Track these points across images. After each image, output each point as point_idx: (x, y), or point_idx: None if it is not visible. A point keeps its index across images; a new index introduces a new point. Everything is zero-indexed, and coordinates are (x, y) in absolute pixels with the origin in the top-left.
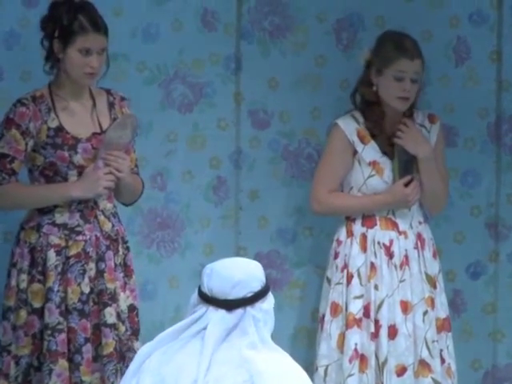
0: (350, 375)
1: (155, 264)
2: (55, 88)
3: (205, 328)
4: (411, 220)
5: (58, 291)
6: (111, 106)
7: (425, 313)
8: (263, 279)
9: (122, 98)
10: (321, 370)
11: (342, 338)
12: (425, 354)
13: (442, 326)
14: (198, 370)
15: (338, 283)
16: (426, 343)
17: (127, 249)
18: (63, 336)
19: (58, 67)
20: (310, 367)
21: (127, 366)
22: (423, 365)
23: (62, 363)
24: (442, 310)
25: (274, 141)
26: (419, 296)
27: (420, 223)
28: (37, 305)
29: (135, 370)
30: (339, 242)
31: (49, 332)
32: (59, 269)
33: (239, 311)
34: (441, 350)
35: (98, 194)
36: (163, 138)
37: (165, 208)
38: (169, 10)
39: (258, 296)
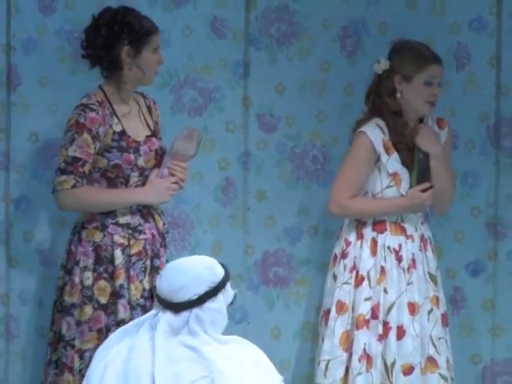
0: (359, 374)
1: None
2: (110, 93)
3: (155, 330)
4: (416, 223)
5: (127, 288)
6: (149, 109)
7: (430, 311)
8: (214, 280)
9: (154, 102)
10: (322, 365)
11: (346, 336)
12: (432, 351)
13: (442, 321)
14: (153, 368)
15: (346, 283)
16: (432, 340)
17: (166, 245)
18: None
19: (118, 74)
20: (314, 359)
21: None
22: (431, 361)
23: None
24: (442, 306)
25: (281, 143)
26: (424, 295)
27: (422, 223)
28: (103, 301)
29: (96, 365)
30: (348, 243)
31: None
32: (124, 267)
33: (185, 313)
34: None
35: (165, 201)
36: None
37: (175, 208)
38: (180, 18)
39: (205, 297)
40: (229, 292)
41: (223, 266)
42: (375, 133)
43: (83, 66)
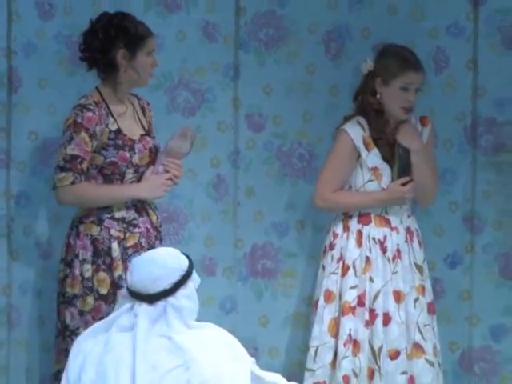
0: (344, 357)
1: None
2: (106, 94)
3: (135, 322)
4: (401, 216)
5: (125, 279)
6: (143, 109)
7: (416, 300)
8: (183, 268)
9: (148, 103)
10: (312, 351)
11: (334, 323)
12: (418, 338)
13: (428, 310)
14: (134, 360)
15: (333, 273)
16: (419, 327)
17: (161, 238)
18: None
19: (114, 75)
20: (300, 347)
21: None
22: (417, 347)
23: None
24: (428, 295)
25: (269, 142)
26: (410, 284)
27: (408, 216)
28: (103, 291)
29: (75, 356)
30: (335, 235)
31: None
32: (121, 259)
33: (161, 303)
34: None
35: (159, 196)
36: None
37: (170, 204)
38: (173, 23)
39: (178, 285)
40: (195, 279)
41: (186, 255)
42: (355, 130)
43: (80, 69)
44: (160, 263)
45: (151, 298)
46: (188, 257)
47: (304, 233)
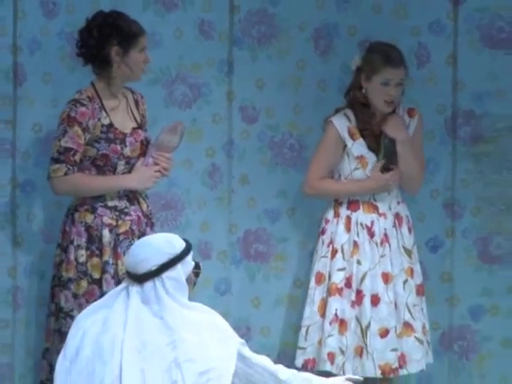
0: (329, 335)
1: None
2: (100, 89)
3: (127, 301)
4: (390, 202)
5: (112, 264)
6: (136, 103)
7: (405, 281)
8: (173, 251)
9: (142, 96)
10: (303, 330)
11: (323, 303)
12: (407, 317)
13: (418, 291)
14: (123, 338)
15: (324, 256)
16: (408, 307)
17: (153, 224)
18: None
19: (108, 71)
20: (291, 327)
21: None
22: (407, 326)
23: None
24: (417, 278)
25: (262, 133)
26: (399, 267)
27: (398, 203)
28: (96, 276)
29: (74, 334)
30: (327, 221)
31: None
32: (112, 245)
33: (149, 284)
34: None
35: (148, 187)
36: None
37: (168, 191)
38: (171, 21)
39: (164, 267)
40: (189, 264)
41: (186, 241)
42: (341, 121)
43: (81, 64)
44: (149, 246)
45: (139, 279)
46: (187, 242)
47: (294, 219)
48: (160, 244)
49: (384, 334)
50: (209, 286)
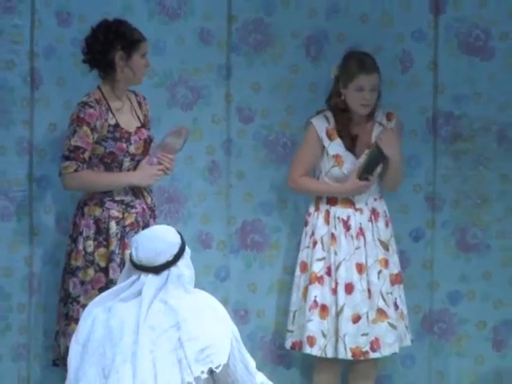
0: (309, 320)
1: None
2: (106, 91)
3: (140, 290)
4: (367, 199)
5: (119, 253)
6: (139, 104)
7: (379, 272)
8: (179, 241)
9: (144, 98)
10: (291, 315)
11: (305, 290)
12: (381, 304)
13: (396, 280)
14: (138, 321)
15: (307, 247)
16: (382, 295)
17: (155, 216)
18: None
19: (113, 74)
20: (283, 309)
21: None
22: (380, 312)
23: None
24: (395, 267)
25: (257, 132)
26: (374, 258)
27: (375, 200)
28: (103, 264)
29: (85, 320)
30: (309, 214)
31: (114, 286)
32: (119, 236)
33: (165, 272)
34: (395, 299)
35: (150, 184)
36: (165, 135)
37: (171, 186)
38: (173, 29)
39: (178, 256)
40: (188, 250)
41: (177, 231)
42: (320, 122)
43: (92, 70)
44: (161, 239)
45: (157, 269)
46: (180, 232)
47: (287, 211)
48: (170, 236)
49: (356, 319)
50: (209, 273)
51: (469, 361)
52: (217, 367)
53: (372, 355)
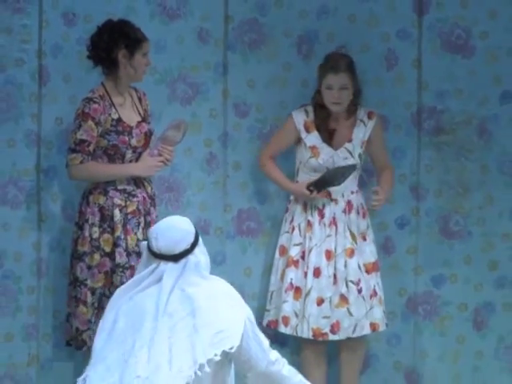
0: (284, 301)
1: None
2: (109, 87)
3: (161, 277)
4: (343, 191)
5: (123, 239)
6: (140, 99)
7: (346, 260)
8: (193, 230)
9: (144, 94)
10: (269, 295)
11: (283, 273)
12: (344, 290)
13: (372, 268)
14: (157, 308)
15: (286, 232)
16: (346, 283)
17: (155, 204)
18: (129, 272)
19: (116, 71)
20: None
21: None
22: (342, 298)
23: None
24: (372, 256)
25: (252, 126)
26: (342, 248)
27: (352, 193)
28: (108, 249)
29: (110, 309)
30: (289, 202)
31: (120, 270)
32: (122, 222)
33: (183, 260)
34: (374, 286)
35: (151, 175)
36: (165, 129)
37: (171, 176)
38: (173, 29)
39: (195, 244)
40: (200, 239)
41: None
42: (299, 115)
43: (97, 67)
44: (178, 228)
45: (176, 257)
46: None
47: (279, 200)
48: (186, 225)
49: (320, 302)
50: None
51: (451, 340)
52: (230, 348)
53: (331, 337)
